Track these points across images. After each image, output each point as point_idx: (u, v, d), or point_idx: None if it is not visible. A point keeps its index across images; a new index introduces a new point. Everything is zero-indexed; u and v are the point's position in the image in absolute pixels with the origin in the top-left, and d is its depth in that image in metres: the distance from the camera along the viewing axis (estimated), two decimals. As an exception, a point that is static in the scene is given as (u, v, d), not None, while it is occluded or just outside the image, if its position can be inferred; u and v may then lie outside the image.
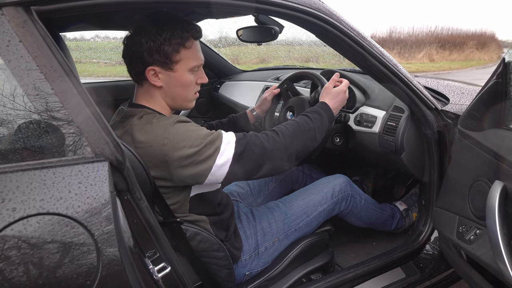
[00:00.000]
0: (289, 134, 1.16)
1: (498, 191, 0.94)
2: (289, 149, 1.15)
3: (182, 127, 1.06)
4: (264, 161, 1.11)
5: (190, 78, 1.15)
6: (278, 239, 1.38)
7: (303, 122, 1.22)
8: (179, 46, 1.08)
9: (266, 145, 1.11)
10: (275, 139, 1.13)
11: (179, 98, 1.17)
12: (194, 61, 1.13)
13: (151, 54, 1.07)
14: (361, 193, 1.63)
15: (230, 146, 1.07)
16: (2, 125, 0.72)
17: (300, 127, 1.20)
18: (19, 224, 0.65)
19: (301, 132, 1.19)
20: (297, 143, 1.17)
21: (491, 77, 1.06)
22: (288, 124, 1.20)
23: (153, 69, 1.09)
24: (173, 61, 1.09)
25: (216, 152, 1.05)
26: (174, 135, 1.03)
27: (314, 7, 1.11)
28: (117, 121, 1.15)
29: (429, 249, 1.59)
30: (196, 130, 1.07)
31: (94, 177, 0.73)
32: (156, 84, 1.12)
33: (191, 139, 1.04)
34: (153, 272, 0.86)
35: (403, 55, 14.76)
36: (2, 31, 0.71)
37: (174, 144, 1.02)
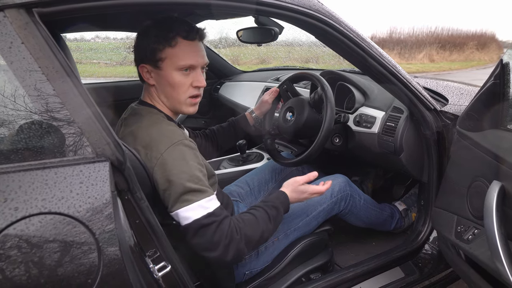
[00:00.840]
0: (247, 236, 1.09)
1: (496, 191, 0.94)
2: (242, 252, 1.08)
3: (181, 153, 1.05)
4: (216, 248, 1.04)
5: (179, 79, 1.13)
6: (277, 239, 1.39)
7: (263, 224, 1.14)
8: (164, 45, 1.09)
9: (224, 239, 1.04)
10: (233, 237, 1.06)
11: (172, 99, 1.17)
12: (181, 61, 1.11)
13: (140, 52, 1.13)
14: (360, 193, 1.63)
15: (201, 211, 1.03)
16: (5, 125, 0.73)
17: (259, 230, 1.13)
18: (21, 223, 0.66)
19: (259, 234, 1.13)
20: (249, 245, 1.11)
21: (489, 78, 1.07)
22: (249, 222, 1.12)
23: (145, 67, 1.14)
24: (157, 58, 1.11)
25: (185, 203, 1.02)
26: (169, 156, 1.03)
27: (313, 8, 1.12)
28: (125, 117, 1.19)
29: (428, 248, 1.60)
30: (191, 166, 1.05)
31: (95, 177, 0.74)
32: (149, 82, 1.16)
33: (180, 169, 1.03)
34: (154, 271, 0.87)
35: (403, 55, 14.76)
36: (5, 33, 0.72)
37: (164, 165, 1.02)
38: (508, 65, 1.00)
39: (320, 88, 1.54)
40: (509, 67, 1.00)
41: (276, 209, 1.20)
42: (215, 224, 1.03)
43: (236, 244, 1.05)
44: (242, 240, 1.07)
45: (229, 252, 1.05)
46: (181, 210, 1.02)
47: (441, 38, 15.83)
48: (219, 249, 1.03)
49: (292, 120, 1.64)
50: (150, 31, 1.10)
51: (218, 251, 1.04)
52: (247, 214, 1.16)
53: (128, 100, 1.41)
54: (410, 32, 16.19)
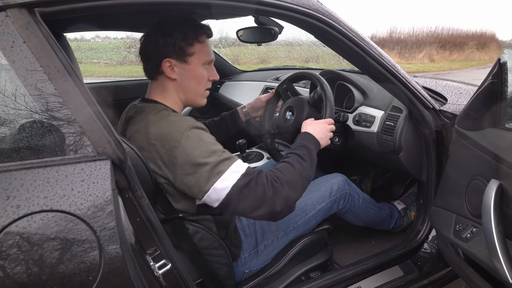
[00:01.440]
0: (287, 181, 1.10)
1: (493, 190, 0.95)
2: (290, 198, 1.09)
3: (197, 135, 1.07)
4: (262, 203, 1.05)
5: (203, 73, 1.21)
6: (277, 238, 1.40)
7: (296, 164, 1.14)
8: (193, 40, 1.15)
9: (267, 190, 1.05)
10: (274, 186, 1.07)
11: (191, 92, 1.22)
12: (206, 56, 1.20)
13: (167, 47, 1.14)
14: (359, 192, 1.64)
15: (235, 175, 1.04)
16: (7, 124, 0.74)
17: (296, 171, 1.13)
18: (23, 221, 0.67)
19: (298, 175, 1.13)
20: (295, 189, 1.11)
21: (487, 77, 1.07)
22: (283, 168, 1.13)
23: (169, 61, 1.15)
24: (187, 53, 1.16)
25: (218, 175, 1.03)
26: (186, 140, 1.05)
27: (312, 8, 1.12)
28: (130, 116, 1.19)
29: (427, 247, 1.60)
30: (209, 143, 1.08)
31: (96, 175, 0.74)
32: (171, 77, 1.17)
33: (200, 149, 1.05)
34: (154, 269, 0.88)
35: (403, 55, 14.76)
36: (7, 32, 0.73)
37: (184, 150, 1.04)
38: (506, 64, 1.01)
39: (320, 87, 1.55)
40: (507, 66, 1.01)
41: (305, 147, 1.21)
42: (253, 181, 1.05)
43: (280, 192, 1.07)
44: (285, 187, 1.08)
45: (277, 202, 1.06)
46: (216, 184, 1.03)
47: (441, 37, 15.83)
48: (266, 202, 1.05)
49: (292, 120, 1.64)
50: (176, 28, 1.14)
51: (266, 205, 1.05)
52: (279, 164, 1.17)
53: (128, 99, 1.41)
54: (410, 32, 16.19)
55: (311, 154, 1.20)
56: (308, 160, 1.18)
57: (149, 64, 1.20)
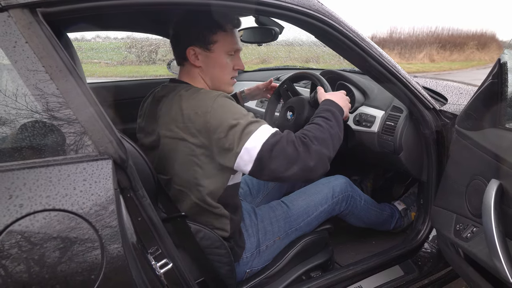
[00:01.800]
0: (317, 137, 1.11)
1: (494, 190, 0.95)
2: (322, 153, 1.09)
3: (227, 101, 1.11)
4: (296, 160, 1.06)
5: (227, 61, 1.22)
6: (279, 238, 1.40)
7: (323, 123, 1.16)
8: (216, 28, 1.17)
9: (298, 147, 1.07)
10: (305, 143, 1.09)
11: (216, 80, 1.24)
12: (231, 45, 1.21)
13: (191, 35, 1.17)
14: (361, 194, 1.64)
15: (264, 134, 1.07)
16: (9, 124, 0.74)
17: (324, 129, 1.14)
18: (26, 220, 0.67)
19: (328, 133, 1.14)
20: (326, 145, 1.12)
21: (487, 78, 1.08)
22: (311, 128, 1.15)
23: (193, 49, 1.18)
24: (211, 41, 1.18)
25: (248, 135, 1.05)
26: (218, 104, 1.08)
27: (313, 8, 1.13)
28: (161, 95, 1.22)
29: (427, 247, 1.61)
30: (239, 107, 1.12)
31: (98, 175, 0.75)
32: (196, 64, 1.20)
33: (232, 112, 1.08)
34: (156, 268, 0.88)
35: (403, 55, 14.76)
36: (9, 33, 0.73)
37: (217, 113, 1.07)
38: (506, 64, 1.01)
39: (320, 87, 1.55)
40: (507, 66, 1.01)
41: (329, 111, 1.22)
42: (284, 138, 1.07)
43: (311, 147, 1.08)
44: (314, 142, 1.09)
45: (311, 157, 1.07)
46: (247, 143, 1.05)
47: (442, 38, 15.84)
48: (299, 158, 1.06)
49: (293, 119, 1.65)
50: (201, 17, 1.16)
51: (300, 160, 1.06)
52: (307, 125, 1.19)
53: (129, 99, 1.42)
54: (410, 32, 16.20)
55: (335, 116, 1.21)
56: (334, 120, 1.19)
57: (176, 51, 1.25)
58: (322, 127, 1.15)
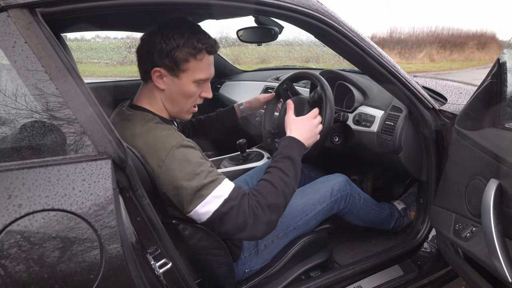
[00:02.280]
0: (269, 205, 1.07)
1: (493, 189, 0.95)
2: (271, 221, 1.08)
3: (182, 155, 1.04)
4: (244, 229, 1.05)
5: (193, 90, 1.15)
6: (277, 237, 1.40)
7: (279, 183, 1.10)
8: (190, 55, 1.09)
9: (248, 218, 1.04)
10: (256, 213, 1.05)
11: (177, 106, 1.17)
12: (201, 74, 1.13)
13: (161, 56, 1.08)
14: (360, 192, 1.64)
15: (217, 201, 1.03)
16: (8, 124, 0.74)
17: (279, 192, 1.09)
18: (25, 220, 0.67)
19: (280, 196, 1.10)
20: (277, 211, 1.09)
21: (487, 77, 1.08)
22: (265, 190, 1.09)
23: (159, 71, 1.10)
24: (181, 69, 1.10)
25: (200, 199, 1.02)
26: (170, 160, 1.02)
27: (312, 8, 1.13)
28: (116, 122, 1.16)
29: (427, 247, 1.61)
30: (194, 164, 1.04)
31: (97, 175, 0.75)
32: (159, 87, 1.13)
33: (184, 171, 1.02)
34: (155, 268, 0.88)
35: (403, 55, 14.75)
36: (8, 33, 0.73)
37: (167, 170, 1.02)
38: (505, 64, 1.01)
39: (320, 87, 1.55)
40: (506, 66, 1.01)
41: (288, 158, 1.15)
42: (235, 208, 1.04)
43: (261, 219, 1.06)
44: (266, 212, 1.06)
45: (258, 229, 1.06)
46: (198, 208, 1.02)
47: (442, 37, 15.82)
48: (247, 228, 1.05)
49: (292, 119, 1.65)
50: (176, 38, 1.07)
51: (247, 230, 1.05)
52: (261, 182, 1.12)
53: (128, 99, 1.42)
54: (410, 32, 16.17)
55: (295, 164, 1.16)
56: (292, 174, 1.14)
57: (141, 66, 1.15)
58: (277, 190, 1.09)
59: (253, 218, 1.05)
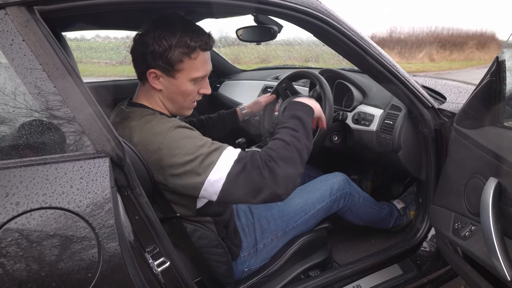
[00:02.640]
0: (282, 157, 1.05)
1: (492, 188, 0.95)
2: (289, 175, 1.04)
3: (180, 133, 1.03)
4: (263, 187, 1.01)
5: (191, 88, 1.13)
6: (276, 236, 1.40)
7: (289, 138, 1.08)
8: (184, 55, 1.06)
9: (264, 172, 1.01)
10: (270, 166, 1.03)
11: (176, 104, 1.16)
12: (197, 72, 1.11)
13: (155, 58, 1.06)
14: (359, 191, 1.64)
15: (227, 163, 1.01)
16: (5, 122, 0.74)
17: (290, 146, 1.07)
18: (22, 218, 0.67)
19: (292, 149, 1.07)
20: (294, 164, 1.06)
21: (486, 76, 1.08)
22: (275, 146, 1.07)
23: (154, 72, 1.09)
24: (176, 69, 1.08)
25: (210, 167, 0.99)
26: (170, 140, 1.01)
27: (312, 6, 1.12)
28: (117, 121, 1.15)
29: (426, 246, 1.61)
30: (194, 138, 1.03)
31: (95, 173, 0.74)
32: (156, 87, 1.12)
33: (186, 147, 1.00)
34: (153, 267, 0.88)
35: (403, 55, 14.75)
36: (6, 30, 0.73)
37: (169, 150, 1.00)
38: (504, 62, 1.01)
39: (319, 86, 1.55)
40: (505, 64, 1.01)
41: (295, 117, 1.14)
42: (248, 165, 1.01)
43: (277, 171, 1.02)
44: (280, 164, 1.03)
45: (277, 183, 1.01)
46: (210, 176, 0.99)
47: (441, 37, 15.82)
48: (266, 184, 1.00)
49: (291, 118, 1.65)
50: (168, 39, 1.04)
51: (267, 187, 1.01)
52: (271, 141, 1.10)
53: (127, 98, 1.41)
54: (410, 32, 16.17)
55: (303, 122, 1.13)
56: (301, 130, 1.11)
57: (136, 67, 1.14)
58: (288, 145, 1.07)
59: (269, 172, 1.01)
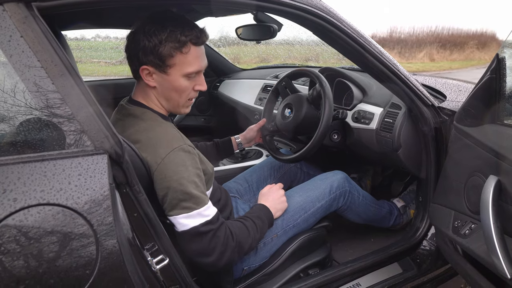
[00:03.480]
0: (240, 242, 1.14)
1: (492, 186, 0.95)
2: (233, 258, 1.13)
3: (181, 159, 1.05)
4: (211, 254, 1.08)
5: (185, 84, 1.12)
6: (276, 235, 1.40)
7: (252, 233, 1.20)
8: (174, 50, 1.05)
9: (220, 245, 1.08)
10: (229, 243, 1.10)
11: (171, 102, 1.15)
12: (190, 68, 1.09)
13: (146, 54, 1.05)
14: (359, 190, 1.64)
15: (200, 219, 1.05)
16: (3, 118, 0.74)
17: (249, 237, 1.18)
18: (20, 214, 0.67)
19: (249, 243, 1.18)
20: (240, 252, 1.16)
21: (485, 73, 1.07)
22: (242, 230, 1.17)
23: (147, 69, 1.08)
24: (167, 64, 1.07)
25: (185, 210, 1.04)
26: (170, 161, 1.03)
27: (312, 4, 1.12)
28: (118, 118, 1.16)
29: (426, 245, 1.60)
30: (191, 172, 1.06)
31: (94, 170, 0.74)
32: (150, 84, 1.11)
33: (180, 175, 1.03)
34: (152, 264, 0.88)
35: (403, 54, 14.74)
36: (4, 27, 0.73)
37: (165, 169, 1.02)
38: (504, 59, 1.01)
39: (319, 84, 1.55)
40: (505, 62, 1.01)
41: (262, 220, 1.26)
42: (212, 232, 1.07)
43: (230, 251, 1.10)
44: (236, 247, 1.12)
45: (223, 259, 1.09)
46: (180, 216, 1.04)
47: (442, 37, 15.82)
48: (214, 255, 1.08)
49: (291, 117, 1.65)
50: (158, 34, 1.03)
51: (213, 257, 1.08)
52: (238, 222, 1.20)
53: (127, 96, 1.41)
54: (410, 32, 16.16)
55: (263, 228, 1.26)
56: (259, 234, 1.23)
57: (130, 66, 1.13)
58: (250, 237, 1.18)
59: (225, 247, 1.09)
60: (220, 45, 5.67)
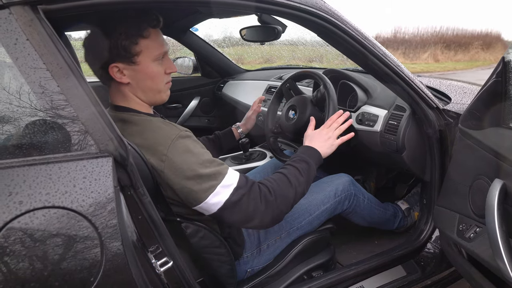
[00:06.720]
0: (281, 194, 1.11)
1: (497, 189, 0.94)
2: (281, 212, 1.11)
3: (183, 146, 1.03)
4: (254, 217, 1.06)
5: (157, 69, 1.10)
6: (280, 237, 1.40)
7: (293, 179, 1.14)
8: (136, 37, 1.04)
9: (260, 205, 1.06)
10: (268, 200, 1.08)
11: (150, 92, 1.13)
12: (156, 50, 1.08)
13: (110, 51, 1.04)
14: (364, 192, 1.64)
15: (227, 190, 1.04)
16: (9, 121, 0.74)
17: (291, 185, 1.13)
18: (25, 217, 0.67)
19: (293, 191, 1.13)
20: (287, 204, 1.12)
21: (491, 76, 1.07)
22: (280, 181, 1.13)
23: (116, 66, 1.06)
24: (134, 53, 1.05)
25: (210, 190, 1.02)
26: (173, 153, 1.01)
27: (316, 6, 1.12)
28: None
29: (430, 247, 1.60)
30: (197, 154, 1.04)
31: (99, 172, 0.74)
32: (123, 81, 1.09)
33: (189, 162, 1.02)
34: (156, 267, 0.88)
35: (407, 55, 14.71)
36: (10, 30, 0.73)
37: (172, 164, 1.01)
38: (510, 62, 1.00)
39: (323, 86, 1.54)
40: (511, 64, 1.00)
41: (305, 162, 1.20)
42: (246, 196, 1.05)
43: (272, 207, 1.08)
44: (278, 200, 1.09)
45: (268, 216, 1.08)
46: (209, 198, 1.02)
47: (446, 38, 15.77)
48: (257, 216, 1.06)
49: (295, 119, 1.65)
50: (116, 27, 1.03)
51: (257, 218, 1.07)
52: (276, 174, 1.16)
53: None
54: (414, 32, 16.13)
55: (310, 169, 1.20)
56: (305, 176, 1.17)
57: (96, 72, 1.11)
58: (291, 184, 1.13)
59: (265, 205, 1.07)
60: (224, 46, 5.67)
